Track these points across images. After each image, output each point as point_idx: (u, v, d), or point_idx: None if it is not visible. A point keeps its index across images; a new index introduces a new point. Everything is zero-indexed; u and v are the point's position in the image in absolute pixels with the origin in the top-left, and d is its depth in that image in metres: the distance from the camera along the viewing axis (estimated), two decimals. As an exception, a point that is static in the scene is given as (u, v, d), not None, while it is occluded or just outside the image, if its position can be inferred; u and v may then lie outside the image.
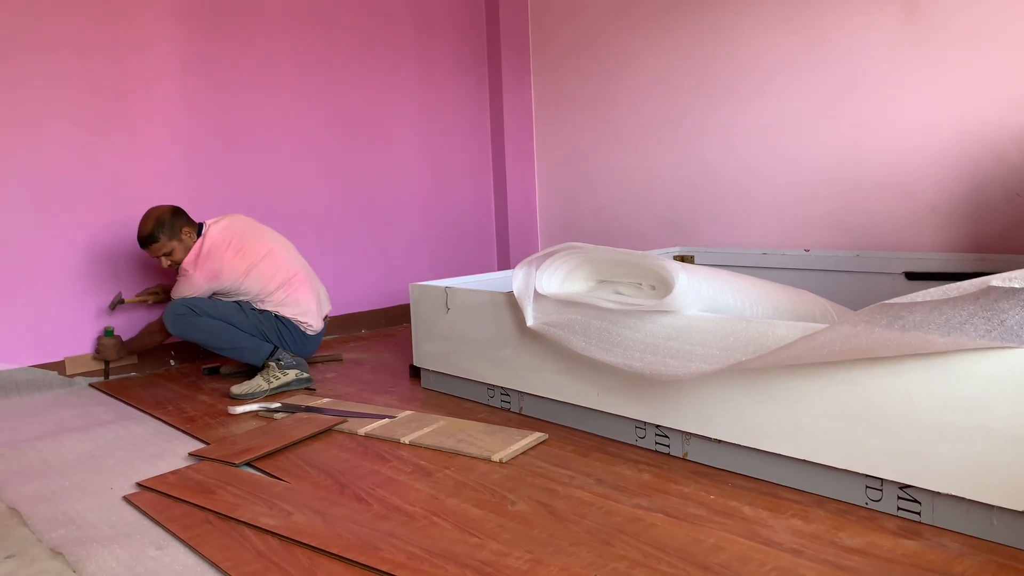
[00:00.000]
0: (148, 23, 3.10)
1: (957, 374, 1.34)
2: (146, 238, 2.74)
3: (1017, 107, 2.63)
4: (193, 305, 2.73)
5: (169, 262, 2.81)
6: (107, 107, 3.01)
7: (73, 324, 2.99)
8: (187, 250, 2.80)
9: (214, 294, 2.84)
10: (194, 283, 2.77)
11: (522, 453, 1.95)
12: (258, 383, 2.66)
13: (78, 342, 3.00)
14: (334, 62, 3.72)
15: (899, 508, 1.48)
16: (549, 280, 2.08)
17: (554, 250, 2.07)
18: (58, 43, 2.88)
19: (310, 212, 3.68)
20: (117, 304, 2.98)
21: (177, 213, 2.79)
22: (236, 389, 2.63)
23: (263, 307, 2.86)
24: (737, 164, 3.47)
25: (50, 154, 2.88)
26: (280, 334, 2.87)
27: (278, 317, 2.87)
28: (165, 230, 2.74)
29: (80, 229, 2.98)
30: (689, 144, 3.66)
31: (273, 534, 1.52)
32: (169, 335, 2.97)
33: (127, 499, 1.76)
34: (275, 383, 2.67)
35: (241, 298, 2.85)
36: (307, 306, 2.93)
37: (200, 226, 2.87)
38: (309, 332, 2.95)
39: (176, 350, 3.25)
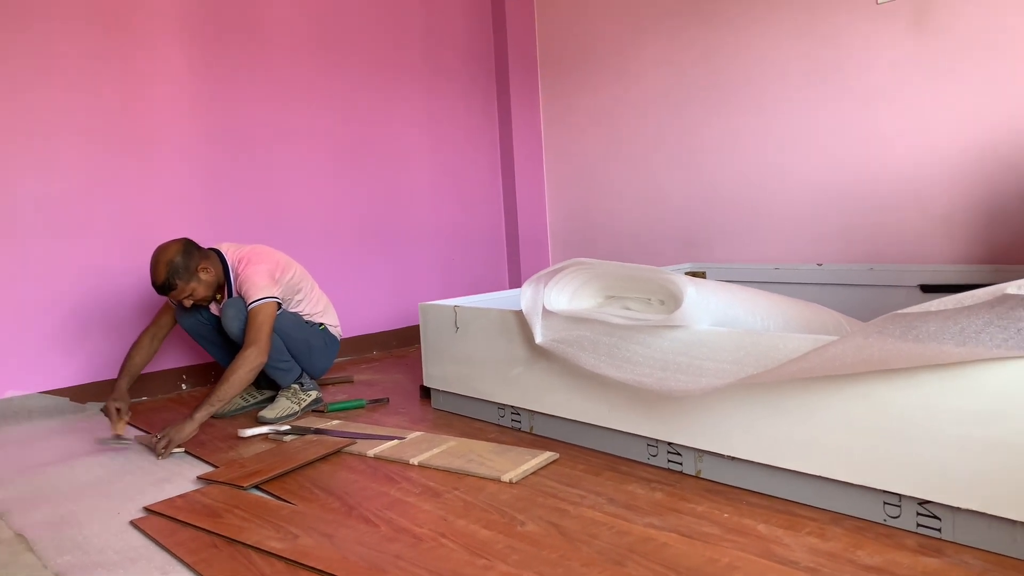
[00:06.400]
0: (160, 43, 3.14)
1: (974, 385, 1.31)
2: (162, 286, 2.46)
3: (1030, 115, 2.60)
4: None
5: (192, 302, 2.56)
6: (117, 128, 3.04)
7: (84, 350, 2.99)
8: (209, 287, 2.56)
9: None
10: (272, 292, 2.58)
11: (532, 473, 1.92)
12: (287, 405, 2.64)
13: (89, 368, 3.00)
14: (345, 83, 3.75)
15: (918, 525, 1.44)
16: (558, 296, 2.06)
17: (562, 266, 2.05)
18: (67, 65, 2.91)
19: (322, 234, 3.68)
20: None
21: (188, 251, 2.49)
22: (267, 413, 2.59)
23: (310, 316, 2.84)
24: (748, 179, 3.45)
25: (60, 176, 2.91)
26: (326, 344, 2.87)
27: (324, 328, 2.88)
28: (181, 274, 2.46)
29: (92, 253, 2.99)
30: (700, 160, 3.64)
31: (279, 557, 1.50)
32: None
33: (134, 524, 1.74)
34: (304, 404, 2.68)
35: (297, 306, 2.79)
36: (333, 310, 3.01)
37: (216, 252, 2.64)
38: (339, 338, 2.99)
39: (188, 374, 3.25)
